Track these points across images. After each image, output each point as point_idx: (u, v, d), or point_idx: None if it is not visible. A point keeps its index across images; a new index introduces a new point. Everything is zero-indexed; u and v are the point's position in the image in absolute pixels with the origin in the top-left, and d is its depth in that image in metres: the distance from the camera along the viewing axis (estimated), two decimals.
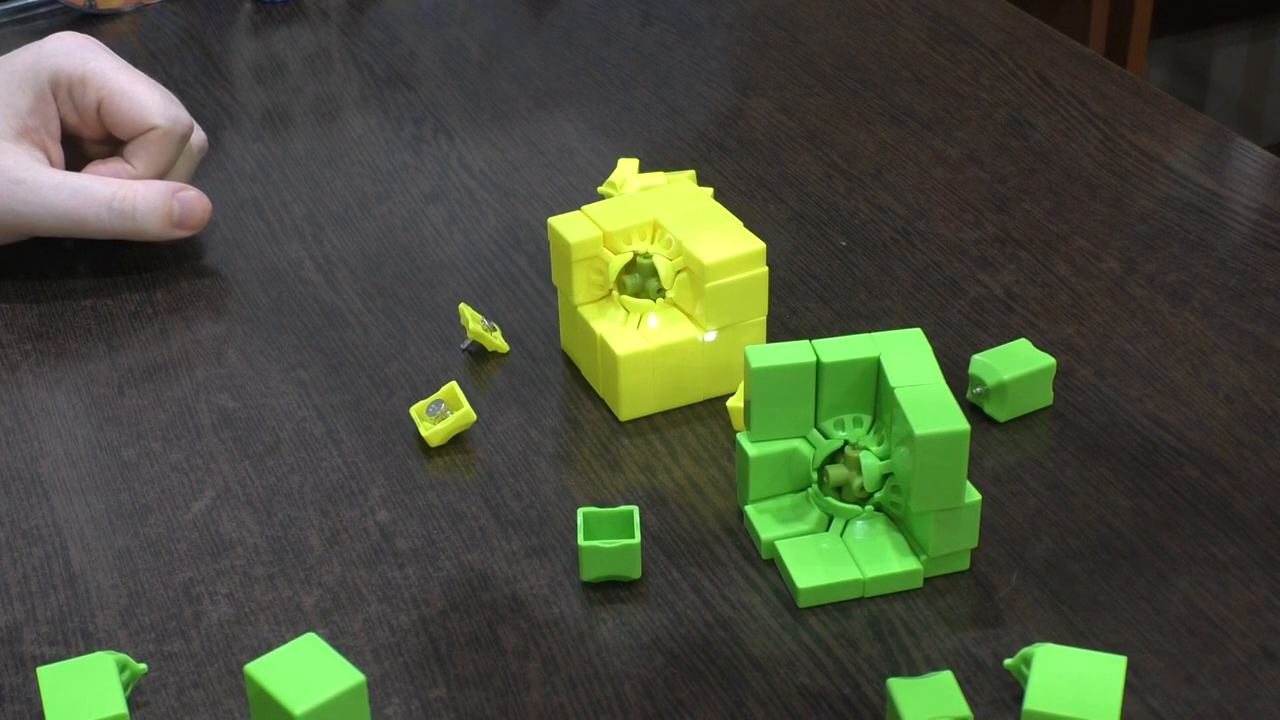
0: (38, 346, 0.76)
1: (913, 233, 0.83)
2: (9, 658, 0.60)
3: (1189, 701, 0.57)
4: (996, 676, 0.58)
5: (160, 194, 0.80)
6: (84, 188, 0.79)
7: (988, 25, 1.03)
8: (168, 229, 0.80)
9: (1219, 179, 0.86)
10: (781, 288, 0.78)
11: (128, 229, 0.79)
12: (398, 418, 0.71)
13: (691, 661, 0.59)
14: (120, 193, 0.79)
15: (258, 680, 0.52)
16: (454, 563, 0.63)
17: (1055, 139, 0.90)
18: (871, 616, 0.60)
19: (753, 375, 0.62)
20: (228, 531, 0.65)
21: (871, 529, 0.63)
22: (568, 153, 0.91)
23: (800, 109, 0.94)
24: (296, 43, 1.04)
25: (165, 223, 0.80)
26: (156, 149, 0.81)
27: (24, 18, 1.07)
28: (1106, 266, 0.79)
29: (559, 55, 1.02)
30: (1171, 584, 0.61)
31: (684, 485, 0.67)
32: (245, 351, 0.76)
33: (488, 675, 0.58)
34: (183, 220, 0.80)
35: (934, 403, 0.59)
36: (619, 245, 0.70)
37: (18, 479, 0.68)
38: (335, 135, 0.94)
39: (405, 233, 0.84)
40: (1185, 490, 0.66)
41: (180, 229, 0.80)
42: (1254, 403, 0.70)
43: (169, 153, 0.82)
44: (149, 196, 0.79)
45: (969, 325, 0.75)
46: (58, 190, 0.78)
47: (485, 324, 0.74)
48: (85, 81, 0.80)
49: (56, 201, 0.78)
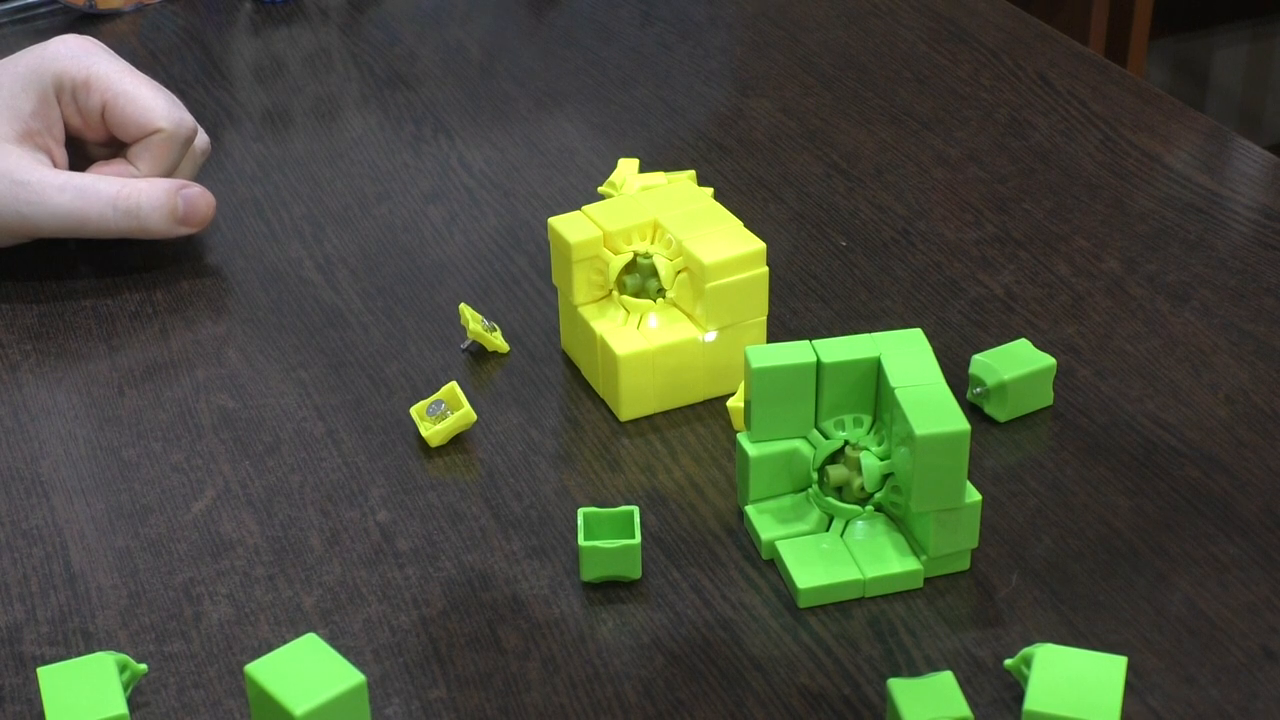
0: (38, 346, 0.76)
1: (913, 233, 0.83)
2: (9, 658, 0.60)
3: (1189, 701, 0.57)
4: (997, 676, 0.58)
5: (164, 191, 0.80)
6: (88, 187, 0.79)
7: (988, 25, 1.03)
8: (172, 226, 0.80)
9: (1219, 179, 0.86)
10: (781, 288, 0.78)
11: (133, 227, 0.79)
12: (398, 418, 0.71)
13: (692, 662, 0.59)
14: (124, 191, 0.79)
15: (258, 681, 0.52)
16: (454, 563, 0.63)
17: (1055, 139, 0.90)
18: (872, 617, 0.60)
19: (753, 375, 0.62)
20: (228, 532, 0.65)
21: (872, 529, 0.63)
22: (568, 153, 0.91)
23: (800, 109, 0.94)
24: (296, 43, 1.04)
25: (170, 219, 0.80)
26: (160, 151, 0.81)
27: (24, 18, 1.06)
28: (1106, 266, 0.79)
29: (559, 55, 1.02)
30: (1171, 584, 0.61)
31: (684, 485, 0.67)
32: (245, 351, 0.76)
33: (488, 675, 0.58)
34: (187, 217, 0.80)
35: (934, 403, 0.59)
36: (619, 245, 0.70)
37: (18, 479, 0.68)
38: (335, 135, 0.94)
39: (405, 233, 0.84)
40: (1185, 490, 0.66)
41: (185, 225, 0.80)
42: (1254, 403, 0.70)
43: (173, 155, 0.82)
44: (153, 194, 0.79)
45: (969, 325, 0.75)
46: (62, 191, 0.78)
47: (485, 324, 0.74)
48: (89, 84, 0.80)
49: (61, 202, 0.78)
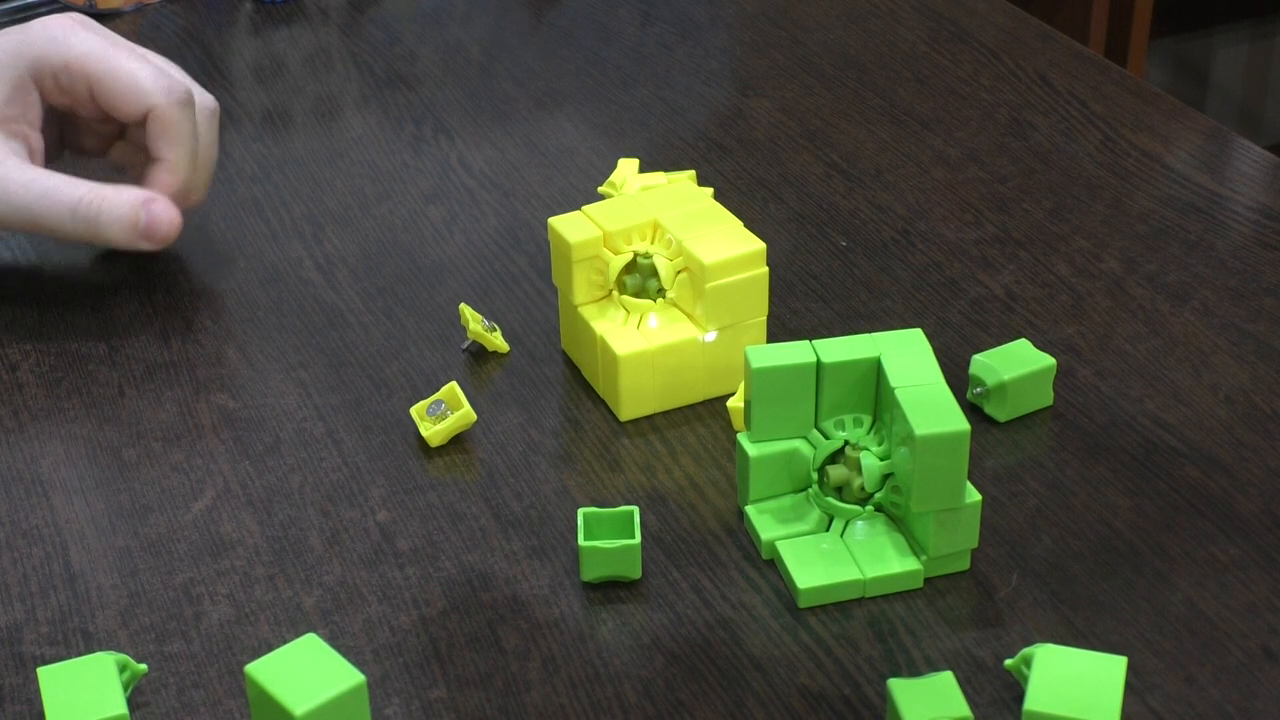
0: (38, 346, 0.76)
1: (913, 233, 0.82)
2: (9, 658, 0.60)
3: (1189, 701, 0.57)
4: (996, 676, 0.58)
5: (129, 203, 0.76)
6: (53, 189, 0.75)
7: (988, 25, 1.03)
8: (133, 239, 0.76)
9: (1219, 179, 0.86)
10: (781, 288, 0.78)
11: (89, 235, 0.76)
12: (398, 418, 0.71)
13: (692, 662, 0.59)
14: (88, 196, 0.75)
15: (258, 681, 0.52)
16: (454, 563, 0.63)
17: (1055, 139, 0.90)
18: (872, 617, 0.60)
19: (753, 375, 0.62)
20: (228, 532, 0.65)
21: (872, 529, 0.63)
22: (568, 153, 0.91)
23: (800, 109, 0.94)
24: (296, 43, 1.04)
25: (130, 232, 0.76)
26: (165, 127, 0.77)
27: (24, 17, 1.06)
28: (1106, 266, 0.79)
29: (559, 55, 1.02)
30: (1171, 584, 0.61)
31: (684, 485, 0.67)
32: (245, 351, 0.76)
33: (488, 676, 0.58)
34: (149, 232, 0.76)
35: (934, 403, 0.59)
36: (619, 245, 0.70)
37: (18, 479, 0.68)
38: (335, 135, 0.94)
39: (405, 233, 0.84)
40: (1185, 490, 0.66)
41: (146, 240, 0.76)
42: (1254, 403, 0.70)
43: (181, 125, 0.77)
44: (116, 204, 0.75)
45: (969, 325, 0.75)
46: (26, 188, 0.75)
47: (485, 324, 0.74)
48: (69, 69, 0.76)
49: (21, 201, 0.75)
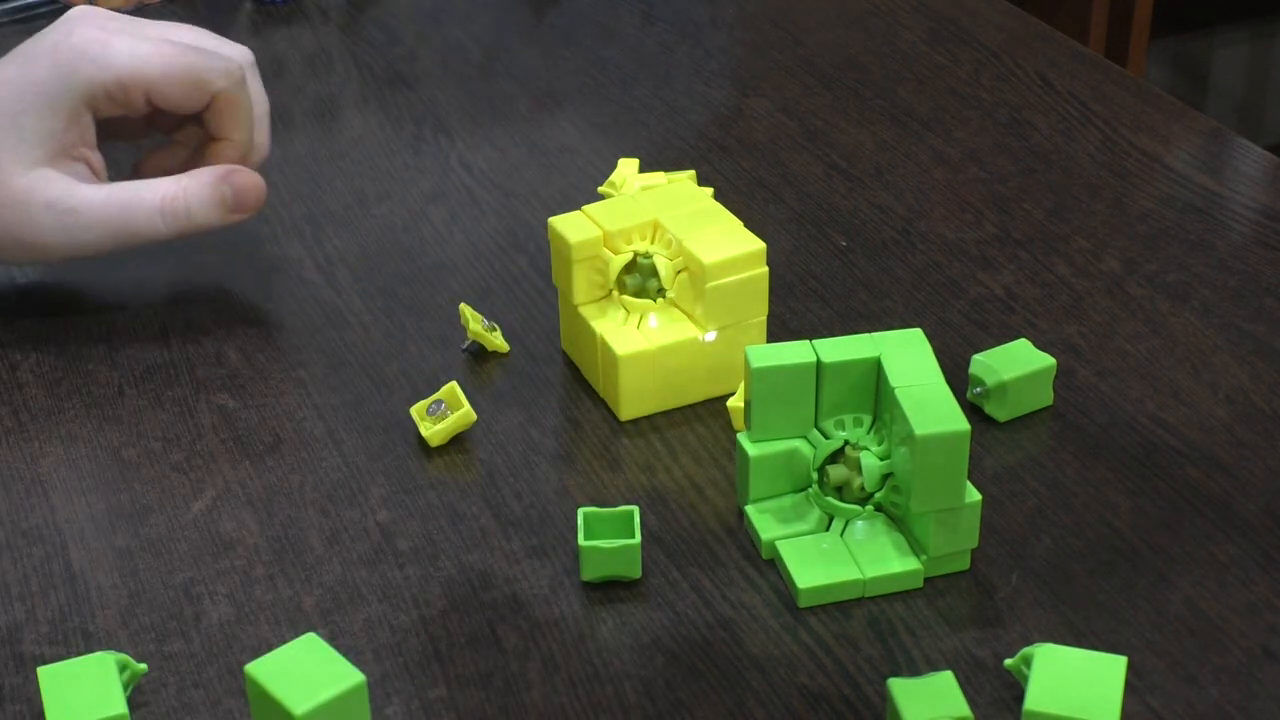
0: (38, 346, 0.76)
1: (913, 233, 0.83)
2: (9, 658, 0.60)
3: (1189, 701, 0.57)
4: (996, 676, 0.58)
5: (210, 184, 0.75)
6: (133, 199, 0.74)
7: (988, 25, 1.03)
8: (226, 216, 0.75)
9: (1219, 179, 0.86)
10: (781, 288, 0.78)
11: (183, 228, 0.75)
12: (398, 418, 0.71)
13: (692, 661, 0.59)
14: (170, 192, 0.74)
15: (258, 680, 0.52)
16: (454, 563, 0.63)
17: (1055, 139, 0.90)
18: (872, 616, 0.60)
19: (753, 375, 0.62)
20: (228, 531, 0.65)
21: (872, 529, 0.63)
22: (568, 153, 0.91)
23: (800, 109, 0.94)
24: (296, 43, 1.04)
25: (221, 210, 0.75)
26: (230, 108, 0.76)
27: (24, 18, 1.06)
28: (1106, 266, 0.79)
29: (559, 55, 1.02)
30: (1171, 584, 0.61)
31: (684, 485, 0.67)
32: (245, 351, 0.76)
33: (488, 675, 0.58)
34: (239, 204, 0.75)
35: (934, 403, 0.59)
36: (619, 245, 0.70)
37: (18, 479, 0.68)
38: (335, 135, 0.94)
39: (405, 233, 0.84)
40: (1185, 490, 0.66)
41: (237, 213, 0.76)
42: (1254, 403, 0.70)
43: (243, 103, 0.76)
44: (199, 190, 0.75)
45: (969, 325, 0.75)
46: (106, 206, 0.74)
47: (485, 324, 0.74)
48: (123, 85, 0.74)
49: (105, 217, 0.74)
